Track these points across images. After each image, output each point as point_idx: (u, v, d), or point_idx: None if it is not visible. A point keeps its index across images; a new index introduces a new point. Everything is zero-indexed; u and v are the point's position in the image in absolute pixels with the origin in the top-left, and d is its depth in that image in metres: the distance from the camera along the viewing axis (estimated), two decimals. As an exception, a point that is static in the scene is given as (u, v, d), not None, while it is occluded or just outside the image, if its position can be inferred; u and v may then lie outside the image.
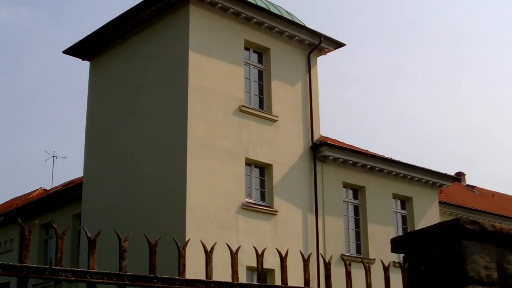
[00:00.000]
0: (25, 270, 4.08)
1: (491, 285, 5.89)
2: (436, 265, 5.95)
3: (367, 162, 30.89)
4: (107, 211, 27.68)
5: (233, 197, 25.76)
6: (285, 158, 28.02)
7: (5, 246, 38.94)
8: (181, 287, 4.62)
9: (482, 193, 48.69)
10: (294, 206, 27.69)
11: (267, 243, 21.15)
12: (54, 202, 35.67)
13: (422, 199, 33.41)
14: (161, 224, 24.09)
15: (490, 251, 6.00)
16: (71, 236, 32.85)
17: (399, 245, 6.37)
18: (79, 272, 4.27)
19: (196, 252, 10.92)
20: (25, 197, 43.22)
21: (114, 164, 28.50)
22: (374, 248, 29.84)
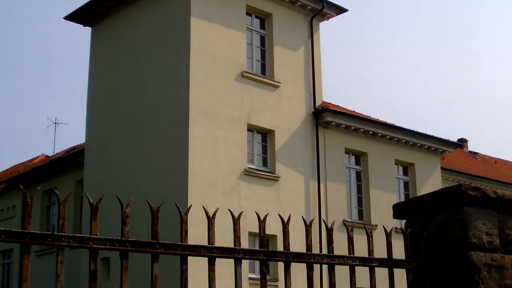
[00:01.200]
0: (27, 237, 4.09)
1: (493, 251, 5.90)
2: (438, 231, 5.96)
3: (370, 128, 30.86)
4: (109, 177, 27.73)
5: (235, 163, 25.79)
6: (287, 124, 28.00)
7: (8, 212, 39.07)
8: (183, 253, 4.63)
9: (485, 160, 48.70)
10: (296, 172, 27.73)
11: (269, 209, 21.22)
12: (56, 168, 35.72)
13: (424, 165, 33.42)
14: (163, 190, 24.13)
15: (492, 217, 6.01)
16: (73, 202, 32.97)
17: (401, 211, 6.37)
18: (81, 238, 4.27)
19: (198, 218, 10.97)
20: (27, 163, 43.27)
21: (116, 130, 28.50)
22: (376, 214, 29.91)
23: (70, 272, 27.22)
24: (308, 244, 5.24)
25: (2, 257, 39.62)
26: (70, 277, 27.04)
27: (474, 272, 5.72)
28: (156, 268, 4.52)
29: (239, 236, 4.89)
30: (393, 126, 32.26)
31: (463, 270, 5.74)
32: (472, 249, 5.77)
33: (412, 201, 6.36)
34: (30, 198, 4.14)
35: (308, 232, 5.21)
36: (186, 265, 4.65)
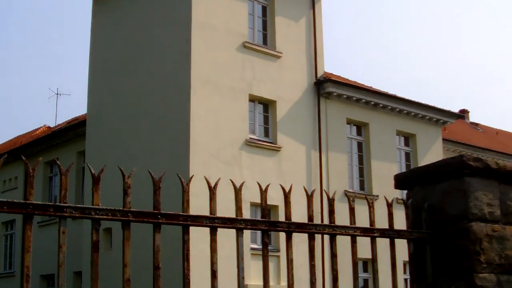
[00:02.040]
0: (29, 207, 4.09)
1: (494, 222, 5.91)
2: (439, 202, 5.97)
3: (371, 99, 30.83)
4: (111, 148, 27.76)
5: (236, 134, 25.80)
6: (289, 94, 27.98)
7: (10, 183, 39.13)
8: (185, 223, 4.64)
9: (486, 131, 48.66)
10: (297, 143, 27.74)
11: (271, 179, 21.24)
12: (58, 139, 35.73)
13: (426, 136, 33.42)
14: (165, 160, 24.17)
15: (493, 188, 6.01)
16: (75, 173, 33.02)
17: (403, 181, 6.38)
18: (83, 209, 4.28)
19: (200, 188, 10.96)
20: (29, 134, 43.27)
21: (118, 101, 28.49)
22: (378, 185, 29.95)
23: (73, 243, 27.32)
24: (310, 215, 5.25)
25: (5, 228, 39.77)
26: (72, 247, 27.12)
27: (475, 242, 5.73)
28: (158, 239, 4.53)
29: (240, 206, 4.90)
30: (395, 96, 32.23)
31: (464, 240, 5.76)
32: (473, 220, 5.78)
33: (413, 171, 6.37)
34: (32, 169, 4.15)
35: (309, 202, 5.22)
36: (187, 235, 4.66)
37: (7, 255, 39.81)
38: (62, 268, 4.18)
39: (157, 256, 4.49)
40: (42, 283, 35.47)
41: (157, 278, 4.48)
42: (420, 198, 6.09)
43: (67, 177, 4.25)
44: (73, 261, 28.72)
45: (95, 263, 4.30)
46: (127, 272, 4.38)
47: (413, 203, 6.09)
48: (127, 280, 4.38)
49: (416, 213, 6.05)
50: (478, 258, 5.71)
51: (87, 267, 26.64)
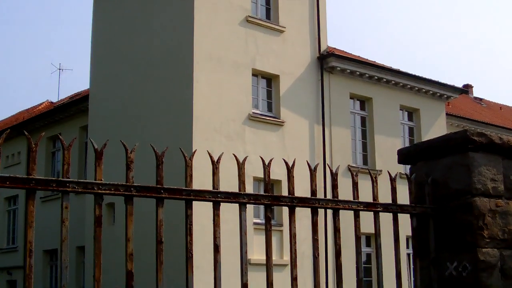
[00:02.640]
0: (32, 182, 4.08)
1: (497, 197, 5.90)
2: (443, 177, 5.96)
3: (375, 73, 30.75)
4: (113, 123, 27.76)
5: (239, 108, 25.77)
6: (292, 69, 27.91)
7: (13, 159, 39.18)
8: (188, 198, 4.63)
9: (490, 106, 48.58)
10: (301, 117, 27.71)
11: (274, 154, 21.24)
12: (60, 114, 35.71)
13: (429, 111, 33.36)
14: (168, 135, 24.17)
15: (497, 163, 6.00)
16: (78, 148, 33.03)
17: (406, 156, 6.37)
18: (86, 184, 4.27)
19: (203, 163, 10.96)
20: (31, 110, 43.28)
21: (120, 76, 28.45)
22: (381, 159, 29.96)
23: (76, 218, 27.45)
24: (313, 189, 5.24)
25: (8, 203, 39.87)
26: (75, 222, 27.24)
27: (479, 217, 5.73)
28: (161, 213, 4.53)
29: (243, 180, 4.89)
30: (399, 71, 32.15)
31: (467, 215, 5.75)
32: (477, 195, 5.77)
33: (417, 146, 6.35)
34: (34, 144, 4.14)
35: (312, 177, 5.21)
36: (190, 210, 4.66)
37: (10, 231, 39.96)
38: (65, 243, 4.18)
39: (160, 231, 4.49)
40: (45, 258, 35.62)
41: (160, 253, 4.48)
42: (424, 173, 6.07)
43: (69, 152, 4.24)
44: (76, 236, 28.89)
45: (98, 237, 4.30)
46: (130, 246, 4.38)
47: (417, 178, 6.08)
48: (130, 254, 4.38)
49: (420, 188, 6.04)
50: (481, 233, 5.71)
51: (90, 242, 26.77)
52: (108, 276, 12.46)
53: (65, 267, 4.17)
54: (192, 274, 4.57)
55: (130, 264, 4.38)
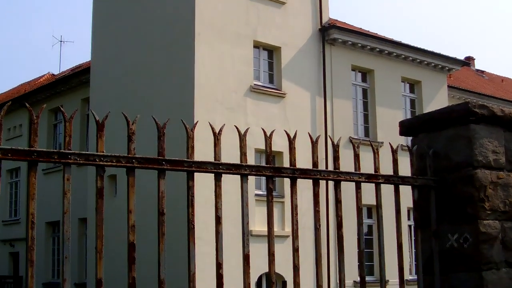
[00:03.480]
0: (34, 154, 4.08)
1: (499, 170, 5.91)
2: (444, 149, 5.96)
3: (376, 45, 30.67)
4: (115, 95, 27.74)
5: (241, 80, 25.73)
6: (294, 40, 27.84)
7: (14, 131, 39.20)
8: (190, 169, 4.63)
9: (491, 78, 48.49)
10: (302, 89, 27.68)
11: (276, 126, 21.23)
12: (62, 86, 35.68)
13: (431, 83, 33.31)
14: (170, 107, 24.15)
15: (499, 135, 5.99)
16: (80, 120, 33.06)
17: (408, 128, 6.36)
18: (88, 155, 4.27)
19: (204, 135, 10.98)
20: (33, 82, 43.23)
21: (121, 48, 28.37)
22: (382, 131, 29.96)
23: (77, 190, 27.50)
24: (314, 161, 5.24)
25: (10, 175, 39.94)
26: (77, 194, 27.30)
27: (480, 189, 5.73)
28: (163, 185, 4.53)
29: (245, 152, 4.89)
30: (400, 43, 32.06)
31: (468, 187, 5.76)
32: (478, 167, 5.78)
33: (418, 118, 6.34)
34: (36, 116, 4.13)
35: (314, 148, 5.21)
36: (192, 181, 4.66)
37: (13, 203, 40.08)
38: (67, 214, 4.19)
39: (162, 202, 4.50)
40: (48, 229, 35.75)
41: (161, 224, 4.49)
42: (425, 145, 6.07)
43: (71, 124, 4.24)
44: (78, 208, 28.95)
45: (100, 209, 4.31)
46: (132, 218, 4.39)
47: (418, 149, 6.08)
48: (132, 226, 4.39)
49: (421, 159, 6.04)
50: (482, 205, 5.72)
51: (92, 214, 26.84)
52: (110, 247, 12.52)
53: (67, 239, 4.18)
54: (194, 245, 4.58)
55: (132, 235, 4.40)
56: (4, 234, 37.73)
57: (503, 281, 5.70)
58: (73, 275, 31.08)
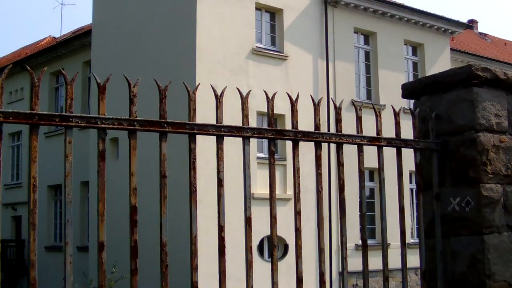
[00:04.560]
0: (35, 117, 4.07)
1: (501, 133, 5.89)
2: (447, 112, 5.94)
3: (379, 8, 30.50)
4: (116, 57, 27.67)
5: (243, 42, 25.64)
6: (296, 2, 27.68)
7: (16, 95, 39.18)
8: (191, 131, 4.62)
9: (494, 42, 48.29)
10: (304, 51, 27.58)
11: (277, 88, 21.18)
12: (63, 49, 35.59)
13: (434, 46, 33.18)
14: (171, 69, 24.10)
15: (501, 99, 5.97)
16: (81, 83, 33.03)
17: (410, 91, 6.34)
18: (89, 118, 4.26)
19: (206, 97, 10.97)
20: (34, 46, 43.11)
21: (123, 10, 28.25)
22: (385, 94, 29.92)
23: (79, 153, 27.55)
24: (316, 123, 5.23)
25: (12, 139, 39.99)
26: (79, 157, 27.36)
27: (482, 153, 5.72)
28: (165, 147, 4.52)
29: (247, 114, 4.88)
30: (403, 6, 31.89)
31: (471, 151, 5.75)
32: (481, 130, 5.76)
33: (421, 81, 6.32)
34: (37, 79, 4.11)
35: (316, 111, 5.19)
36: (194, 144, 4.66)
37: (15, 166, 40.17)
38: (68, 177, 4.19)
39: (164, 165, 4.49)
40: (50, 193, 35.88)
41: (163, 187, 4.49)
42: (428, 108, 6.06)
43: (72, 87, 4.22)
44: (80, 171, 29.06)
45: (101, 172, 4.31)
46: (133, 181, 4.39)
47: (420, 112, 6.07)
48: (133, 189, 4.39)
49: (423, 122, 6.03)
50: (484, 168, 5.71)
51: (94, 177, 26.91)
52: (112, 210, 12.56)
53: (69, 202, 4.19)
54: (196, 208, 4.59)
55: (134, 198, 4.40)
56: (6, 198, 37.86)
57: (504, 245, 5.72)
58: (75, 239, 31.25)
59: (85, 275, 26.79)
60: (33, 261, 4.06)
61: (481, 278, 5.61)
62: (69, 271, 4.12)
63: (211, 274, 10.83)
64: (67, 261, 4.12)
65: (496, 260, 5.64)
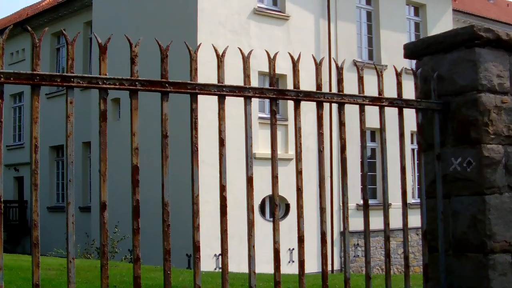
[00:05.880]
0: (36, 78, 4.07)
1: (503, 94, 5.88)
2: (449, 72, 5.93)
3: (381, -33, 30.30)
4: (118, 18, 27.53)
5: (244, 2, 25.49)
6: (298, -38, 27.47)
7: (17, 56, 39.06)
8: (193, 91, 4.62)
9: (497, 3, 47.99)
10: (306, 11, 27.42)
11: (279, 48, 21.13)
12: (64, 10, 35.40)
13: (436, 6, 32.98)
14: (173, 30, 23.99)
15: (504, 60, 5.95)
16: (83, 44, 32.91)
17: (412, 51, 6.32)
18: (90, 78, 4.25)
19: (207, 58, 10.94)
20: (35, 6, 42.87)
21: (123, -31, 28.05)
22: (386, 55, 29.80)
23: (81, 114, 27.59)
24: (318, 83, 5.22)
25: (13, 100, 39.97)
26: (80, 118, 27.39)
27: (484, 114, 5.72)
28: (166, 107, 4.52)
29: (248, 74, 4.87)
30: (406, -35, 31.69)
31: (472, 111, 5.75)
32: (483, 91, 5.75)
33: (423, 41, 6.29)
34: (38, 40, 4.11)
35: (318, 70, 5.18)
36: (196, 103, 4.66)
37: (16, 128, 40.20)
38: (70, 138, 4.20)
39: (165, 125, 4.49)
40: (52, 154, 35.95)
41: (165, 147, 4.50)
42: (430, 68, 6.04)
43: (73, 47, 4.21)
44: (82, 132, 29.09)
45: (103, 132, 4.31)
46: (135, 141, 4.40)
47: (422, 73, 6.06)
48: (135, 149, 4.40)
49: (425, 83, 6.02)
50: (486, 129, 5.71)
51: (95, 138, 26.97)
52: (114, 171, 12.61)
53: (70, 162, 4.20)
54: (198, 167, 4.60)
55: (136, 158, 4.41)
56: (8, 159, 37.93)
57: (505, 205, 5.74)
58: (78, 199, 31.40)
59: (88, 235, 26.96)
60: (36, 221, 4.08)
61: (481, 238, 5.64)
62: (71, 231, 4.14)
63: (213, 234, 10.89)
64: (69, 221, 4.14)
65: (497, 221, 5.66)
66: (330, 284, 5.43)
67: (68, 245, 4.14)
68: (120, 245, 22.80)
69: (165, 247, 4.49)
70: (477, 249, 5.66)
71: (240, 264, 13.20)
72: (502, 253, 5.68)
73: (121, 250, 22.74)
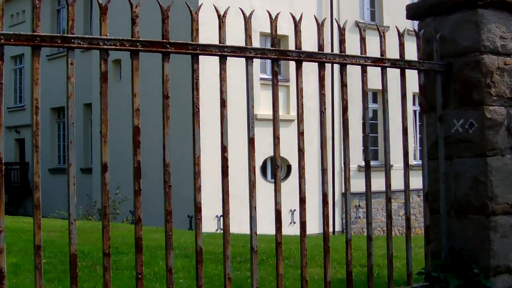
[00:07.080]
0: (36, 39, 4.05)
1: (506, 56, 5.86)
2: (451, 33, 5.90)
3: None
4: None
5: (246, -37, 25.30)
6: None
7: (18, 18, 38.85)
8: (194, 52, 4.60)
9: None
10: (308, -27, 27.22)
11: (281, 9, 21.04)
12: (64, -30, 35.18)
13: (439, -34, 32.73)
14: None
15: (507, 21, 5.92)
16: (84, 5, 32.70)
17: (415, 12, 6.29)
18: (91, 39, 4.23)
19: (209, 19, 10.88)
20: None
21: None
22: (389, 16, 29.63)
23: (82, 75, 27.50)
24: (320, 44, 5.19)
25: (14, 62, 39.83)
26: (81, 80, 27.33)
27: (486, 75, 5.70)
28: (167, 68, 4.50)
29: (250, 35, 4.84)
30: None
31: (475, 73, 5.72)
32: (485, 52, 5.73)
33: (426, 2, 6.25)
34: (38, 0, 4.08)
35: (319, 31, 5.15)
36: (197, 64, 4.64)
37: (17, 90, 40.11)
38: (71, 99, 4.19)
39: (166, 86, 4.48)
40: (53, 115, 35.91)
41: (166, 108, 4.49)
42: (432, 29, 6.01)
43: (74, 7, 4.18)
44: (83, 93, 29.04)
45: (104, 93, 4.30)
46: (136, 102, 4.39)
47: (425, 34, 6.03)
48: (136, 109, 4.39)
49: (428, 44, 5.99)
50: (488, 90, 5.70)
51: (96, 99, 26.96)
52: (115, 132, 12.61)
53: (71, 123, 4.19)
54: (199, 128, 4.59)
55: (137, 119, 4.40)
56: (9, 121, 37.88)
57: (507, 167, 5.74)
58: (79, 161, 31.41)
59: (89, 196, 27.04)
60: (37, 183, 4.08)
61: (483, 199, 5.65)
62: (72, 192, 4.15)
63: (215, 195, 10.91)
64: (70, 183, 4.14)
65: (498, 183, 5.66)
66: (331, 245, 5.45)
67: (69, 207, 4.15)
68: (121, 207, 22.87)
69: (167, 208, 4.49)
70: (479, 211, 5.67)
71: (241, 225, 13.24)
72: (504, 215, 5.70)
73: (122, 211, 22.81)
